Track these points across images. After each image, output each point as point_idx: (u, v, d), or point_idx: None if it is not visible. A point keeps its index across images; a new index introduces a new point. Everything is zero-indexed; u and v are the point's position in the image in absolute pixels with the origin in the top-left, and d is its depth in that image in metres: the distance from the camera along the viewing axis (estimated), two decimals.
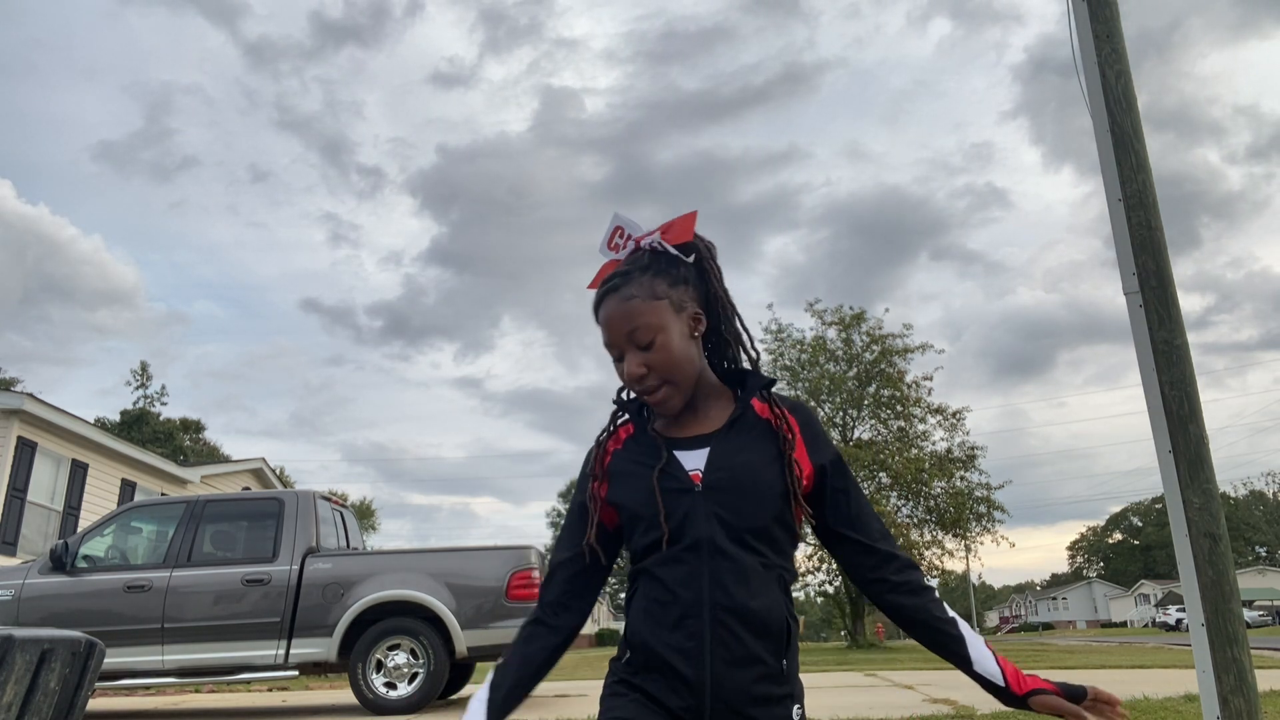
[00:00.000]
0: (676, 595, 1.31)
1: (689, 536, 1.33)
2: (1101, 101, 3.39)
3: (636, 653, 1.36)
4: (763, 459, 1.37)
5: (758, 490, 1.34)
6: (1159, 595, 62.90)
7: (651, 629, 1.33)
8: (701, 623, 1.29)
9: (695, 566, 1.31)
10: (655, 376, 1.38)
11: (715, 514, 1.33)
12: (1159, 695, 6.61)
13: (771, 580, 1.34)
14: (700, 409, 1.44)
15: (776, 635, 1.32)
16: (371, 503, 58.43)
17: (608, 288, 1.43)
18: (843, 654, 20.80)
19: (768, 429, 1.40)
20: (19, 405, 14.34)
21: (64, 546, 7.75)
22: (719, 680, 1.28)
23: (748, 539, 1.33)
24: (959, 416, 26.45)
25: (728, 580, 1.30)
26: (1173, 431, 3.05)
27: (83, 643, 2.24)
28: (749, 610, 1.30)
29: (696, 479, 1.36)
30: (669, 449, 1.39)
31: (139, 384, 48.35)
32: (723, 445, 1.38)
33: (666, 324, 1.38)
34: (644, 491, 1.37)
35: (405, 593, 7.54)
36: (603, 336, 1.43)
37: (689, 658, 1.29)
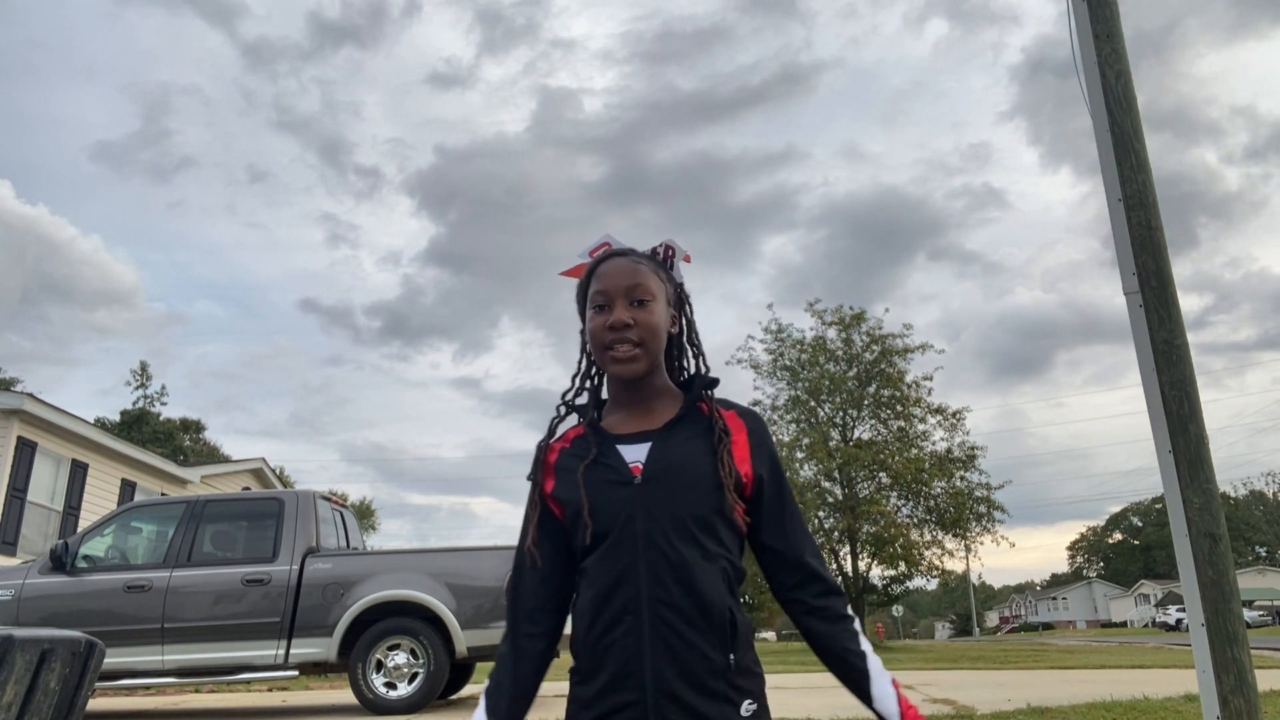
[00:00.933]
0: (615, 592, 1.31)
1: (627, 530, 1.33)
2: (1101, 101, 3.39)
3: (581, 658, 1.35)
4: (701, 452, 1.39)
5: (696, 482, 1.36)
6: (1159, 595, 62.88)
7: (592, 629, 1.32)
8: (640, 618, 1.29)
9: (632, 561, 1.32)
10: (636, 332, 1.42)
11: (653, 506, 1.34)
12: (1159, 695, 6.61)
13: (714, 573, 1.33)
14: (650, 406, 1.47)
15: (719, 628, 1.31)
16: (371, 503, 58.41)
17: (618, 252, 1.50)
18: None
19: (709, 427, 1.42)
20: (19, 405, 14.34)
21: (64, 546, 7.75)
22: (661, 675, 1.27)
23: (688, 530, 1.33)
24: (959, 416, 26.45)
25: (665, 574, 1.31)
26: (1173, 431, 3.05)
27: (83, 643, 2.24)
28: (688, 603, 1.29)
29: (637, 471, 1.37)
30: (611, 443, 1.42)
31: (139, 384, 48.36)
32: (664, 439, 1.41)
33: (660, 299, 1.47)
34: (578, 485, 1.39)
35: (405, 593, 7.54)
36: (595, 286, 1.46)
37: (630, 654, 1.29)
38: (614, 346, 1.42)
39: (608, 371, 1.47)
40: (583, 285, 1.52)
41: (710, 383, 1.50)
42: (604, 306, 1.44)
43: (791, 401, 27.25)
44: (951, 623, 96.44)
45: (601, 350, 1.44)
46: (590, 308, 1.47)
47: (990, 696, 7.21)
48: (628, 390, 1.48)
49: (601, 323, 1.43)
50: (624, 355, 1.42)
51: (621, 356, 1.42)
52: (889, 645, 28.14)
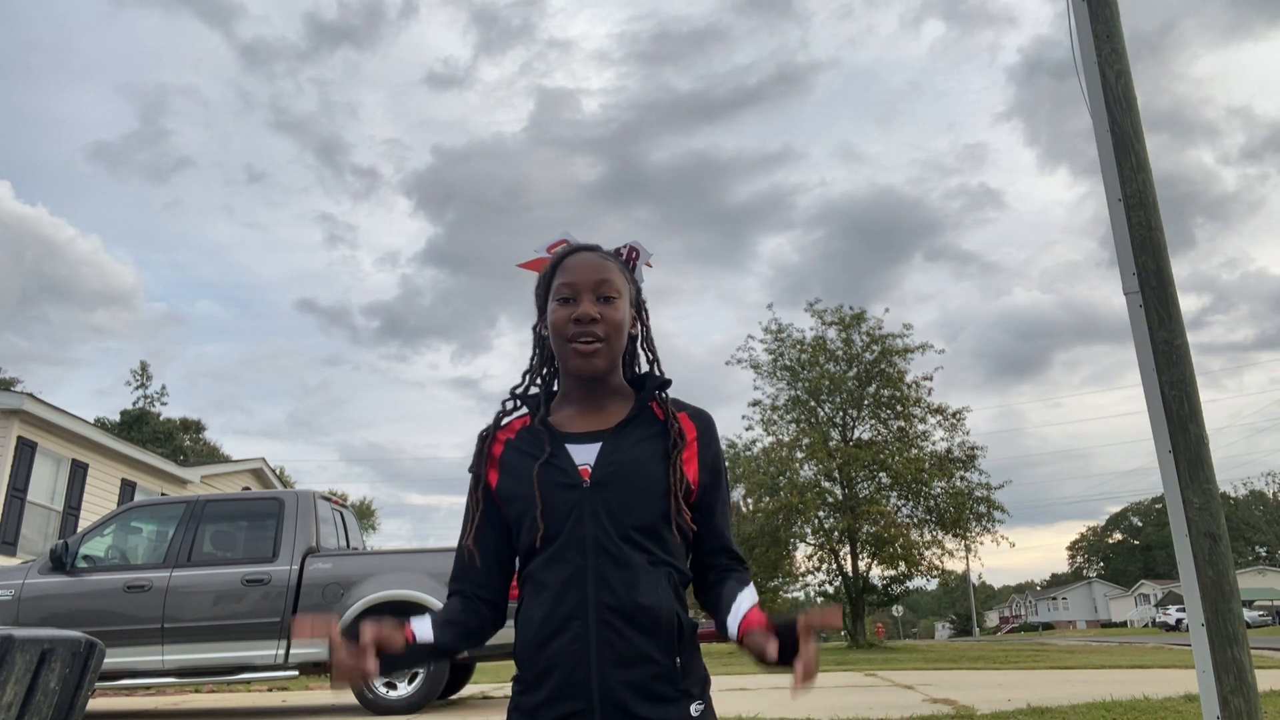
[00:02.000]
0: (561, 598, 1.30)
1: (574, 534, 1.31)
2: (1101, 101, 3.39)
3: (524, 666, 1.33)
4: (652, 457, 1.37)
5: (645, 487, 1.34)
6: (1159, 595, 62.87)
7: (537, 637, 1.30)
8: (587, 624, 1.27)
9: (579, 565, 1.30)
10: (602, 327, 1.40)
11: (601, 510, 1.32)
12: (1159, 695, 6.61)
13: (659, 578, 1.32)
14: (602, 405, 1.45)
15: (667, 633, 1.30)
16: (371, 503, 58.41)
17: (585, 247, 1.50)
18: (843, 654, 20.79)
19: (662, 429, 1.41)
20: (19, 405, 14.34)
21: (64, 546, 7.75)
22: (606, 681, 1.25)
23: (634, 536, 1.32)
24: (959, 417, 26.44)
25: (613, 579, 1.29)
26: (1173, 431, 3.05)
27: (83, 643, 2.24)
28: (636, 608, 1.28)
29: (585, 474, 1.35)
30: (561, 442, 1.39)
31: (139, 384, 48.36)
32: (614, 441, 1.39)
33: (625, 298, 1.46)
34: (528, 484, 1.36)
35: (405, 593, 7.54)
36: (561, 279, 1.44)
37: (575, 661, 1.27)
38: (577, 339, 1.40)
39: (567, 366, 1.44)
40: (545, 278, 1.51)
41: (663, 383, 1.49)
42: (570, 299, 1.42)
43: (791, 401, 27.24)
44: (951, 623, 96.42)
45: (564, 343, 1.42)
46: (554, 299, 1.45)
47: (990, 696, 7.21)
48: (582, 387, 1.46)
49: (566, 315, 1.41)
50: (587, 349, 1.40)
51: (584, 350, 1.40)
52: (889, 645, 28.13)
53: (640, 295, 1.55)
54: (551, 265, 1.49)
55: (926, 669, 12.45)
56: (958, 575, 35.82)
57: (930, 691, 8.14)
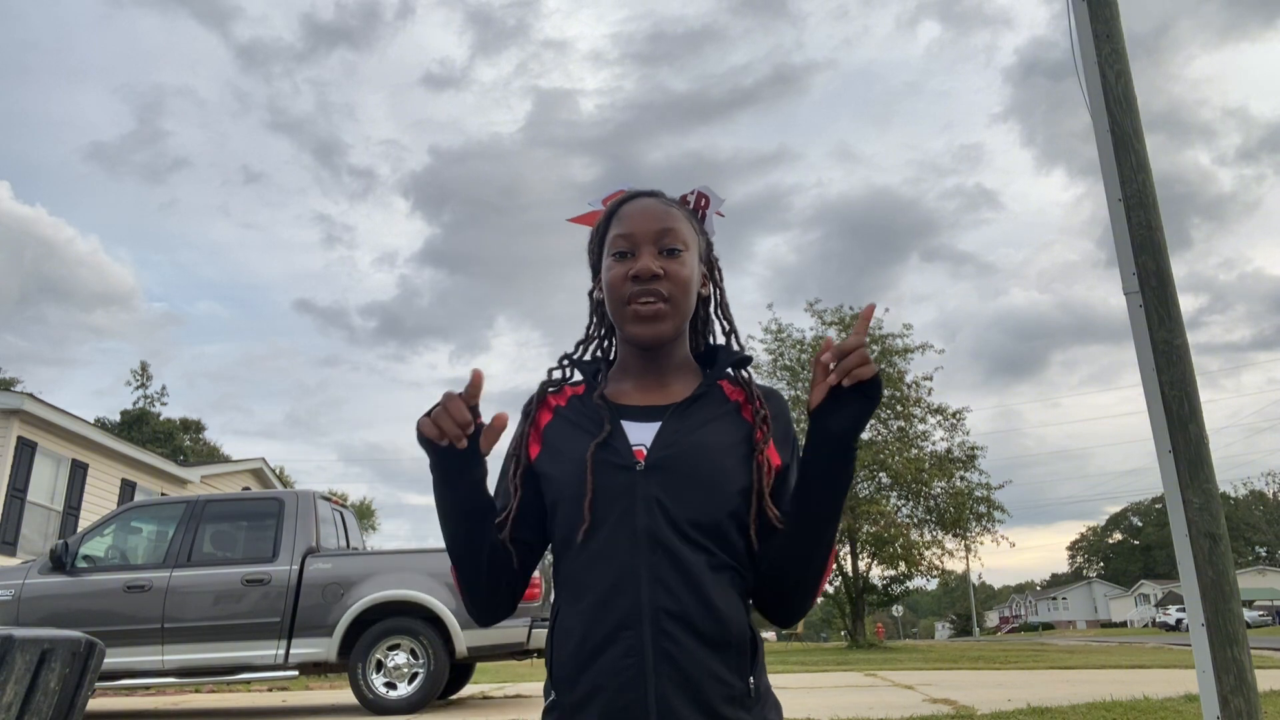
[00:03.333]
0: (609, 603, 1.07)
1: (623, 524, 1.10)
2: (1101, 101, 3.39)
3: (564, 689, 1.10)
4: (724, 444, 1.16)
5: (711, 478, 1.13)
6: (1159, 595, 62.85)
7: (580, 651, 1.08)
8: (641, 635, 1.05)
9: (630, 564, 1.08)
10: (666, 285, 1.19)
11: (656, 499, 1.10)
12: (1159, 695, 6.61)
13: (724, 583, 1.11)
14: (665, 381, 1.24)
15: (738, 647, 1.09)
16: (371, 503, 58.42)
17: (645, 193, 1.28)
18: (843, 654, 20.79)
19: (735, 412, 1.20)
20: (19, 405, 14.33)
21: (64, 546, 7.75)
22: (667, 705, 1.03)
23: (690, 533, 1.10)
24: (959, 416, 26.43)
25: (671, 580, 1.07)
26: (1173, 431, 3.05)
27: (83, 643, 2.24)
28: (701, 615, 1.07)
29: (640, 455, 1.14)
30: (616, 417, 1.19)
31: (139, 384, 48.34)
32: (677, 421, 1.17)
33: (693, 251, 1.24)
34: (576, 464, 1.14)
35: (405, 593, 7.54)
36: (617, 229, 1.23)
37: (629, 680, 1.04)
38: (636, 300, 1.18)
39: (625, 331, 1.22)
40: (599, 232, 1.29)
41: (742, 359, 1.27)
42: (627, 253, 1.21)
43: (792, 401, 27.23)
44: (951, 623, 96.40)
45: (621, 305, 1.20)
46: (609, 255, 1.23)
47: (990, 696, 7.21)
48: (642, 359, 1.24)
49: (623, 272, 1.20)
50: (648, 311, 1.18)
51: (645, 313, 1.18)
52: (889, 645, 28.13)
53: (712, 251, 1.33)
54: (605, 216, 1.28)
55: (926, 669, 12.44)
56: (958, 575, 35.84)
57: (930, 691, 8.14)
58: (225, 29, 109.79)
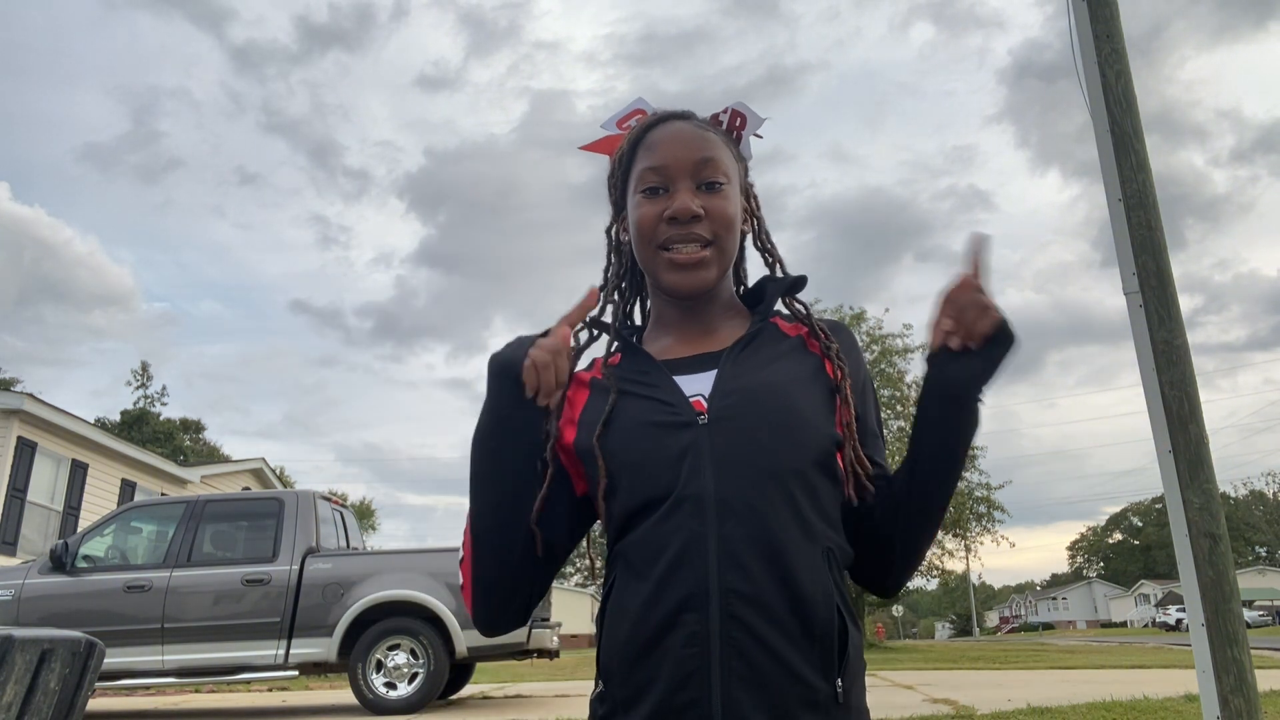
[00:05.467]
0: (670, 580, 0.89)
1: (689, 489, 0.92)
2: (1101, 101, 3.39)
3: (614, 679, 0.93)
4: (795, 379, 0.99)
5: (787, 422, 0.95)
6: (1159, 595, 62.82)
7: (635, 636, 0.91)
8: (707, 620, 0.87)
9: (697, 534, 0.90)
10: (708, 226, 1.02)
11: (728, 455, 0.93)
12: (1159, 695, 6.61)
13: (815, 554, 0.91)
14: (711, 327, 1.08)
15: (824, 639, 0.89)
16: (371, 503, 58.39)
17: (676, 114, 1.10)
18: None
19: (800, 348, 1.04)
20: (19, 405, 14.33)
21: (64, 546, 7.75)
22: (735, 709, 0.86)
23: (784, 490, 0.92)
24: None
25: (747, 555, 0.89)
26: (1173, 431, 3.05)
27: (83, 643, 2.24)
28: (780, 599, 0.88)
29: (700, 407, 0.97)
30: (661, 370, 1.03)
31: (139, 384, 48.33)
32: (735, 365, 1.00)
33: (735, 183, 1.08)
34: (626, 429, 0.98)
35: (405, 593, 7.54)
36: (646, 161, 1.05)
37: (691, 672, 0.87)
38: (673, 246, 1.03)
39: (661, 281, 1.05)
40: (622, 161, 1.10)
41: (795, 283, 1.10)
42: (660, 189, 1.04)
43: None
44: (951, 623, 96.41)
45: (654, 251, 1.04)
46: (638, 191, 1.05)
47: (990, 696, 7.20)
48: (681, 309, 1.08)
49: (656, 212, 1.03)
50: (689, 258, 1.02)
51: (685, 260, 1.02)
52: (889, 645, 28.12)
53: (748, 177, 1.15)
54: (630, 143, 1.09)
55: (926, 669, 12.44)
56: (958, 575, 35.83)
57: (930, 691, 8.14)
58: (220, 31, 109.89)
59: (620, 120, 1.14)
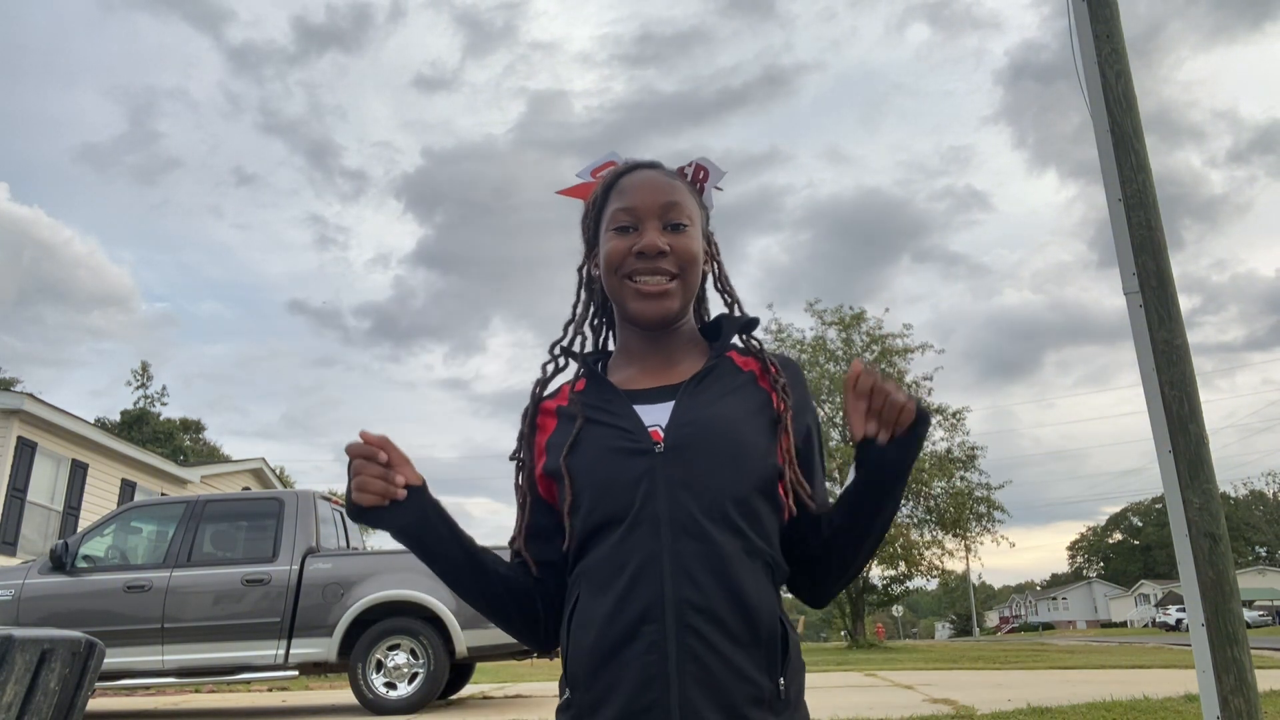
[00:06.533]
0: (630, 594, 1.00)
1: (645, 512, 1.02)
2: (1101, 101, 3.39)
3: (579, 686, 1.03)
4: (744, 413, 1.10)
5: (735, 452, 1.06)
6: (1159, 595, 62.84)
7: (598, 646, 1.01)
8: (664, 629, 0.98)
9: (653, 552, 1.01)
10: (673, 261, 1.14)
11: (681, 481, 1.03)
12: (1159, 695, 6.61)
13: (758, 569, 1.03)
14: (673, 360, 1.18)
15: (768, 643, 1.01)
16: None
17: (645, 164, 1.23)
18: (843, 654, 20.78)
19: (752, 382, 1.15)
20: (19, 405, 14.33)
21: (64, 546, 7.75)
22: (690, 708, 0.96)
23: (725, 514, 1.03)
24: (959, 417, 26.45)
25: (697, 569, 1.00)
26: (1173, 431, 3.05)
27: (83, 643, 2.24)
28: (729, 609, 0.99)
29: (657, 437, 1.07)
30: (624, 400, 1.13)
31: (139, 384, 48.32)
32: (691, 397, 1.11)
33: (697, 226, 1.19)
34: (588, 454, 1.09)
35: (405, 593, 7.54)
36: (618, 203, 1.17)
37: (650, 677, 0.97)
38: (639, 278, 1.13)
39: (628, 311, 1.16)
40: (595, 205, 1.22)
41: (748, 323, 1.22)
42: (630, 227, 1.15)
43: None
44: (951, 623, 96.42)
45: (623, 282, 1.14)
46: (610, 229, 1.17)
47: (990, 696, 7.21)
48: (645, 340, 1.19)
49: (626, 247, 1.14)
50: (654, 289, 1.13)
51: (650, 290, 1.13)
52: (889, 645, 28.12)
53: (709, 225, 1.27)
54: (603, 188, 1.22)
55: (926, 669, 12.44)
56: (958, 575, 35.83)
57: (930, 691, 8.14)
58: (217, 32, 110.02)
59: (595, 170, 1.28)
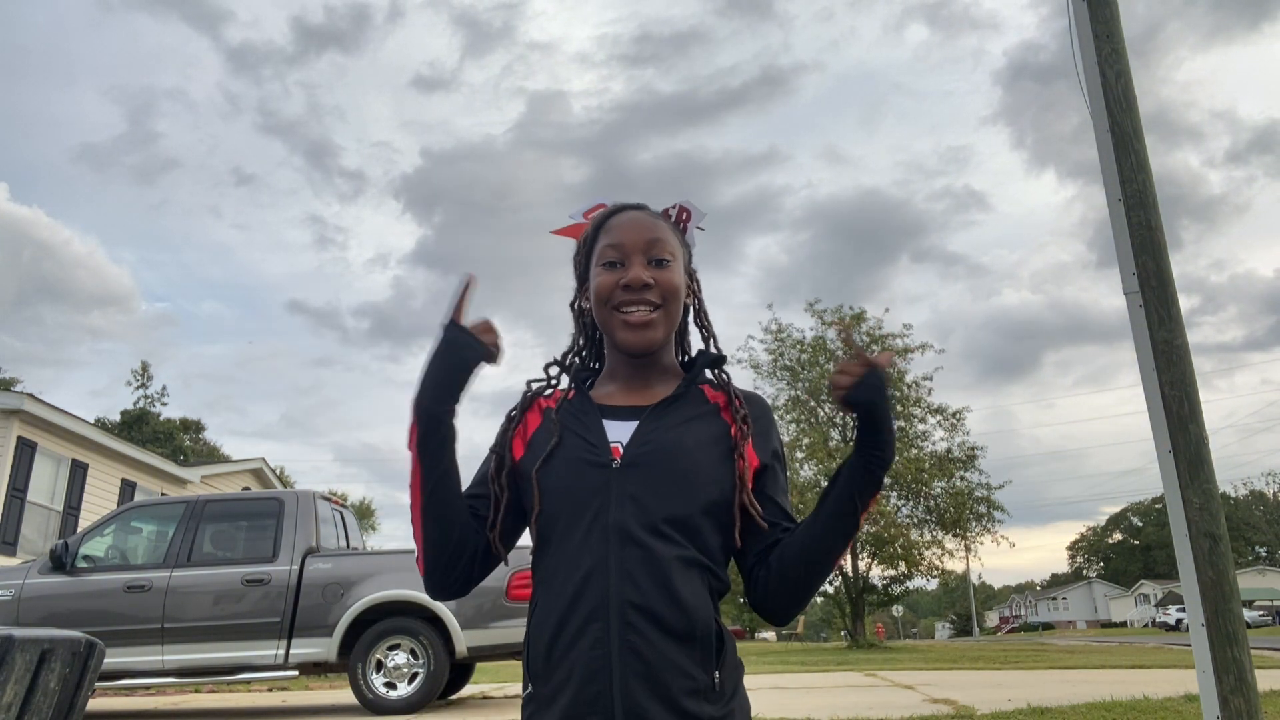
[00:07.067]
0: (580, 595, 1.11)
1: (599, 520, 1.14)
2: (1101, 101, 3.39)
3: (538, 678, 1.14)
4: (700, 441, 1.20)
5: (686, 475, 1.16)
6: (1159, 595, 62.81)
7: (552, 642, 1.12)
8: (608, 627, 1.09)
9: (602, 557, 1.12)
10: (657, 293, 1.24)
11: (631, 495, 1.14)
12: (1159, 695, 6.61)
13: (695, 578, 1.14)
14: (649, 383, 1.28)
15: (704, 640, 1.11)
16: (371, 503, 58.36)
17: (632, 206, 1.34)
18: (843, 654, 20.78)
19: (715, 413, 1.24)
20: (19, 405, 14.33)
21: (64, 546, 7.75)
22: (631, 698, 1.07)
23: (664, 529, 1.13)
24: (959, 417, 26.44)
25: (638, 573, 1.11)
26: (1173, 431, 3.05)
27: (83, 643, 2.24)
28: (665, 608, 1.10)
29: (617, 453, 1.18)
30: (597, 415, 1.24)
31: (139, 384, 48.30)
32: (654, 420, 1.22)
33: (679, 261, 1.30)
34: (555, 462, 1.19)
35: (405, 593, 7.53)
36: (606, 240, 1.28)
37: (596, 670, 1.08)
38: (626, 309, 1.23)
39: (615, 339, 1.27)
40: (586, 243, 1.34)
41: (717, 360, 1.32)
42: (617, 263, 1.25)
43: (791, 401, 27.26)
44: (951, 623, 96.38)
45: (610, 313, 1.25)
46: (599, 265, 1.27)
47: (990, 696, 7.20)
48: (629, 364, 1.29)
49: (613, 281, 1.24)
50: (639, 319, 1.23)
51: (636, 320, 1.23)
52: (889, 645, 28.12)
53: (691, 262, 1.37)
54: (593, 227, 1.33)
55: (926, 669, 12.44)
56: (958, 575, 35.82)
57: (930, 691, 8.14)
58: (216, 32, 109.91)
59: (586, 212, 1.38)
